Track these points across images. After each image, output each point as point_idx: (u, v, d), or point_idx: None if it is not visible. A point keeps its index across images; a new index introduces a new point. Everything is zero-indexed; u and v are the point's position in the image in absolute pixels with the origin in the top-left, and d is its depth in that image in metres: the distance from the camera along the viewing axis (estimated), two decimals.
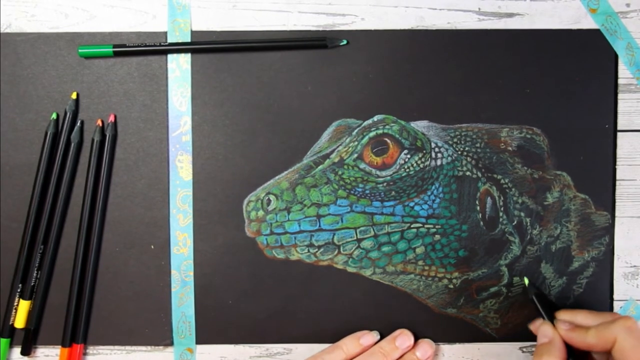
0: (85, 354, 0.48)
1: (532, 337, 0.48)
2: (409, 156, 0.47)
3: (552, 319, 0.44)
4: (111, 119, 0.47)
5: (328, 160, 0.47)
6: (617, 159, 0.48)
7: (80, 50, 0.46)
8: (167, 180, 0.47)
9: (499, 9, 0.47)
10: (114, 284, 0.47)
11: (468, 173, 0.47)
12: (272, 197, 0.47)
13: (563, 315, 0.44)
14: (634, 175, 0.48)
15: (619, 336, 0.39)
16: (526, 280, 0.47)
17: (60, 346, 0.47)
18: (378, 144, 0.47)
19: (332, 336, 0.48)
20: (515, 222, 0.48)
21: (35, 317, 0.47)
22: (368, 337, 0.47)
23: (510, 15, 0.47)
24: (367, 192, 0.47)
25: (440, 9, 0.47)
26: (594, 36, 0.47)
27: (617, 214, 0.48)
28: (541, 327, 0.44)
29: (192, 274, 0.47)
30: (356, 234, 0.47)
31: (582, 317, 0.43)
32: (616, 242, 0.48)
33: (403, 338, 0.47)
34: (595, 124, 0.47)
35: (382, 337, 0.47)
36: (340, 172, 0.47)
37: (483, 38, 0.47)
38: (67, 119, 0.46)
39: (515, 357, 0.48)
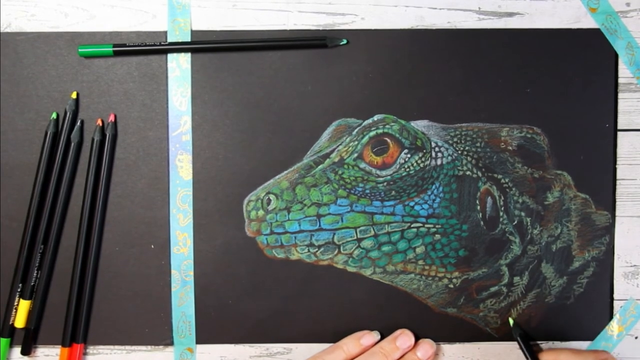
0: (85, 353, 0.48)
1: (532, 338, 0.48)
2: (409, 156, 0.47)
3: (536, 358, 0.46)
4: (111, 118, 0.47)
5: (328, 159, 0.47)
6: (617, 159, 0.48)
7: (80, 50, 0.46)
8: (167, 180, 0.47)
9: (499, 8, 0.47)
10: (114, 284, 0.47)
11: (468, 172, 0.47)
12: (272, 197, 0.47)
13: (546, 356, 0.45)
14: (634, 175, 0.48)
15: None
16: (511, 321, 0.48)
17: (60, 346, 0.47)
18: (378, 143, 0.47)
19: (332, 336, 0.48)
20: (515, 222, 0.48)
21: (35, 316, 0.47)
22: (369, 337, 0.47)
23: (510, 14, 0.47)
24: (367, 191, 0.47)
25: (440, 8, 0.47)
26: (594, 36, 0.47)
27: (617, 213, 0.48)
28: None
29: (192, 273, 0.47)
30: (356, 234, 0.47)
31: (565, 357, 0.44)
32: (616, 241, 0.48)
33: (404, 338, 0.46)
34: (596, 124, 0.47)
35: (383, 337, 0.47)
36: (340, 172, 0.47)
37: (483, 38, 0.47)
38: (67, 118, 0.46)
39: (515, 357, 0.48)
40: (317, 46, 0.47)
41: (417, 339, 0.47)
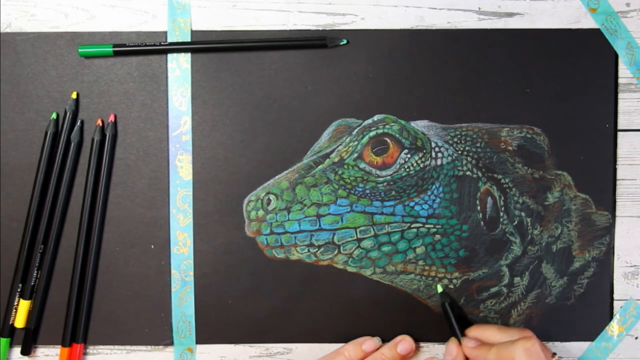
0: (85, 353, 0.48)
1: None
2: (409, 156, 0.47)
3: (463, 333, 0.46)
4: (111, 118, 0.47)
5: (328, 159, 0.47)
6: (618, 159, 0.48)
7: (80, 50, 0.46)
8: (167, 180, 0.47)
9: (499, 8, 0.47)
10: (114, 284, 0.47)
11: (468, 173, 0.47)
12: (272, 197, 0.47)
13: (473, 331, 0.46)
14: (634, 175, 0.48)
15: (516, 357, 0.41)
16: (439, 288, 0.47)
17: (60, 346, 0.47)
18: (378, 143, 0.47)
19: (332, 336, 0.48)
20: (516, 222, 0.48)
21: (35, 316, 0.47)
22: (370, 342, 0.46)
23: (510, 14, 0.47)
24: (367, 191, 0.47)
25: (440, 8, 0.47)
26: (594, 36, 0.47)
27: (617, 213, 0.48)
28: (448, 344, 0.46)
29: (192, 273, 0.47)
30: (356, 234, 0.47)
31: (490, 333, 0.45)
32: (616, 241, 0.48)
33: (404, 344, 0.46)
34: (596, 124, 0.47)
35: (384, 339, 0.47)
36: (340, 172, 0.47)
37: (483, 38, 0.47)
38: (67, 118, 0.46)
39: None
40: (317, 46, 0.47)
41: (417, 339, 0.47)
